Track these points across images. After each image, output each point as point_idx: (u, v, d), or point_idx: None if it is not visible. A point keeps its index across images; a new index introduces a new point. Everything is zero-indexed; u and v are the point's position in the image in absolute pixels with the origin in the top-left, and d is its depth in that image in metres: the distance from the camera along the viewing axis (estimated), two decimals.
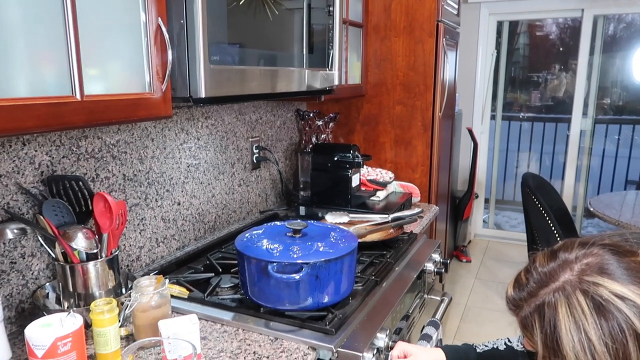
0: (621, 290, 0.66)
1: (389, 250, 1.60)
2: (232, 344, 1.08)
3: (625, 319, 0.65)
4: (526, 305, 0.74)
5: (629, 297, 0.65)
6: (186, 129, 1.61)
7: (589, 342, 0.66)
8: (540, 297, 0.72)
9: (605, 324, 0.65)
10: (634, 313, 0.65)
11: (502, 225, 4.77)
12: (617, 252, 0.71)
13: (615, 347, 0.65)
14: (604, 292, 0.67)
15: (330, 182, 1.98)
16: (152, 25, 1.02)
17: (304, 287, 1.12)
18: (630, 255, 0.71)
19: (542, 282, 0.73)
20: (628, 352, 0.64)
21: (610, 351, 0.65)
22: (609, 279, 0.68)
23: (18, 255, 1.13)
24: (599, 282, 0.68)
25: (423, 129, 2.32)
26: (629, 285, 0.67)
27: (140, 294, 1.06)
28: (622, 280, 0.67)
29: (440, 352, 1.09)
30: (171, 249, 1.59)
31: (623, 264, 0.69)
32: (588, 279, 0.69)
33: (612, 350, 0.65)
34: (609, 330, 0.65)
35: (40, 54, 0.84)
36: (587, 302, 0.67)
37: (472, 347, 1.11)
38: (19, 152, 1.11)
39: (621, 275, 0.68)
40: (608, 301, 0.66)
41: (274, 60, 1.34)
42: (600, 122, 4.43)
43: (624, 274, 0.68)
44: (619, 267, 0.69)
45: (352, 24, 2.12)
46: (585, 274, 0.70)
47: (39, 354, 0.87)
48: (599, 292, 0.67)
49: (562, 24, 4.77)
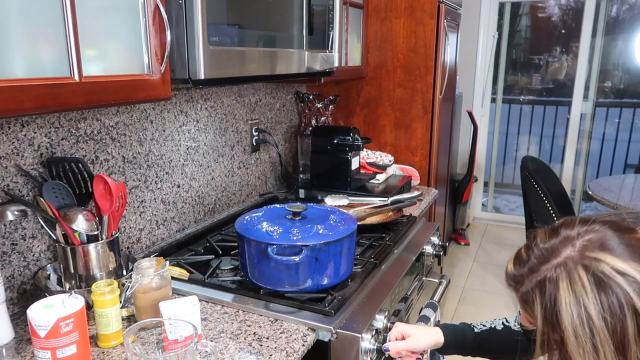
0: (622, 266, 0.67)
1: (388, 232, 1.60)
2: (232, 325, 1.10)
3: (624, 295, 0.65)
4: (527, 281, 0.75)
5: (629, 273, 0.66)
6: (185, 111, 1.60)
7: (588, 317, 0.66)
8: (541, 272, 0.73)
9: (605, 299, 0.66)
10: (634, 290, 0.65)
11: (501, 209, 4.78)
12: (618, 229, 0.72)
13: (614, 322, 0.65)
14: (605, 267, 0.67)
15: (330, 165, 1.98)
16: (151, 5, 1.01)
17: (304, 269, 1.13)
18: (631, 232, 0.72)
19: (543, 258, 0.74)
20: (626, 327, 0.65)
21: (608, 326, 0.66)
22: (610, 254, 0.68)
23: (19, 237, 1.14)
24: (600, 257, 0.68)
25: (423, 112, 2.31)
26: (629, 261, 0.67)
27: (141, 275, 1.07)
28: (623, 256, 0.68)
29: (439, 331, 1.11)
30: (171, 231, 1.59)
31: (624, 241, 0.70)
32: (589, 255, 0.69)
33: (610, 325, 0.66)
34: (608, 305, 0.66)
35: (38, 35, 0.83)
36: (588, 277, 0.68)
37: (470, 327, 1.12)
38: (18, 134, 1.11)
39: (622, 251, 0.69)
40: (609, 277, 0.67)
41: (273, 42, 1.33)
42: (600, 105, 4.41)
43: (625, 250, 0.69)
44: (620, 243, 0.70)
45: (352, 5, 2.10)
46: (586, 249, 0.70)
47: (41, 334, 0.87)
48: (600, 267, 0.68)
49: (565, 6, 4.72)
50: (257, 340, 1.04)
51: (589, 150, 4.32)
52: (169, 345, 0.94)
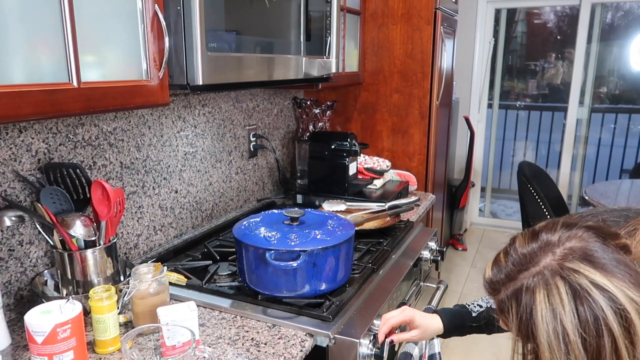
0: (602, 281, 0.63)
1: (386, 238, 1.61)
2: (230, 331, 1.09)
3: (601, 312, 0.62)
4: (504, 289, 0.71)
5: (609, 289, 0.63)
6: (183, 117, 1.60)
7: (563, 331, 0.63)
8: (518, 281, 0.69)
9: (583, 313, 0.63)
10: (611, 308, 0.62)
11: (498, 214, 4.79)
12: (601, 235, 0.68)
13: (589, 339, 0.62)
14: (583, 281, 0.64)
15: (328, 171, 1.98)
16: (149, 12, 1.01)
17: (302, 275, 1.13)
18: (615, 238, 0.68)
19: (521, 265, 0.70)
20: (602, 345, 0.62)
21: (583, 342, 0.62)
22: (592, 267, 0.65)
23: (16, 243, 1.13)
24: (580, 269, 0.65)
25: (420, 118, 2.32)
26: (610, 277, 0.64)
27: (139, 281, 1.06)
28: (605, 270, 0.64)
29: (437, 318, 1.11)
30: (169, 236, 1.59)
31: (608, 250, 0.66)
32: (570, 265, 0.66)
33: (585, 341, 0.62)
34: (585, 320, 0.62)
35: (36, 40, 0.83)
36: (566, 289, 0.64)
37: (466, 310, 1.11)
38: (16, 140, 1.11)
39: (605, 263, 0.65)
40: (587, 291, 0.63)
41: (271, 48, 1.33)
42: (596, 111, 4.43)
43: (608, 263, 0.65)
44: (603, 253, 0.66)
45: (349, 11, 2.11)
46: (566, 259, 0.66)
47: (38, 340, 0.87)
48: (579, 280, 0.64)
49: (560, 12, 4.75)
50: (254, 345, 1.04)
51: (585, 156, 4.34)
52: (166, 351, 0.94)
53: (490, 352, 2.63)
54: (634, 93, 4.54)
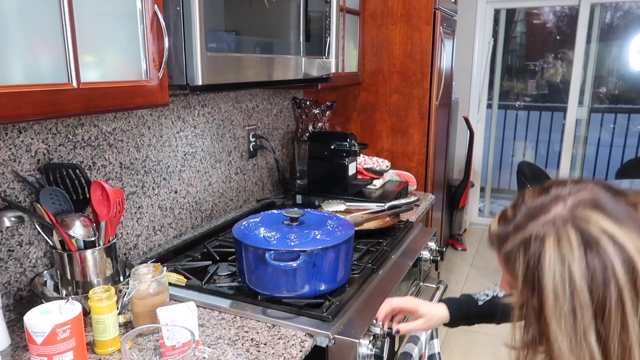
0: (612, 229, 0.64)
1: (385, 238, 1.61)
2: (229, 331, 1.09)
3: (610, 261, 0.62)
4: (512, 239, 0.71)
5: (618, 238, 0.63)
6: (182, 117, 1.60)
7: (570, 277, 0.63)
8: (528, 230, 0.69)
9: (591, 261, 0.63)
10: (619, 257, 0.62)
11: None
12: (610, 190, 0.69)
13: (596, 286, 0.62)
14: (594, 228, 0.64)
15: (327, 171, 1.98)
16: (149, 12, 1.01)
17: (301, 275, 1.13)
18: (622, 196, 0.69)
19: (531, 216, 0.70)
20: (607, 294, 0.62)
21: (589, 289, 0.62)
22: (603, 214, 0.65)
23: (15, 243, 1.13)
24: (592, 217, 0.65)
25: (420, 118, 2.32)
26: (620, 225, 0.64)
27: (139, 281, 1.06)
28: (615, 218, 0.65)
29: (444, 307, 1.11)
30: (168, 237, 1.59)
31: (618, 201, 0.67)
32: (580, 214, 0.66)
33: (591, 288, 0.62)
34: (592, 268, 0.63)
35: (36, 41, 0.83)
36: (577, 237, 0.64)
37: (473, 300, 1.11)
38: (15, 140, 1.11)
39: (615, 212, 0.65)
40: (597, 238, 0.63)
41: (270, 48, 1.33)
42: (595, 111, 4.44)
43: (618, 212, 0.66)
44: (614, 205, 0.67)
45: (349, 11, 2.11)
46: (578, 207, 0.67)
47: (38, 341, 0.87)
48: (590, 228, 0.64)
49: (559, 12, 4.76)
50: (254, 346, 1.04)
51: (585, 156, 4.34)
52: (166, 351, 0.94)
53: (490, 352, 2.63)
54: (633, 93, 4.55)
